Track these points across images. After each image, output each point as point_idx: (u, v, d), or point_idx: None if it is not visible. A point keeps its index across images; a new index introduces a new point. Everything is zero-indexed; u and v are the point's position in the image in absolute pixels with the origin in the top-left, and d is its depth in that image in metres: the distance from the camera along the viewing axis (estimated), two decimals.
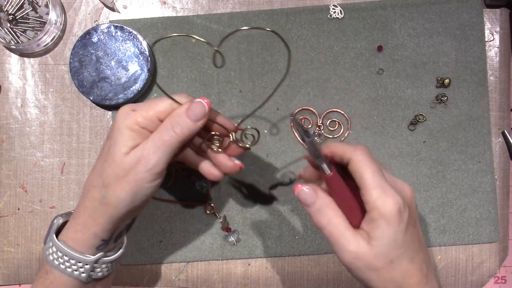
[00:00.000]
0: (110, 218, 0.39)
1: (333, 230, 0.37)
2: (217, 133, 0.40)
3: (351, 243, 0.36)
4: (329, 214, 0.37)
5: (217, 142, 0.41)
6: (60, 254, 0.40)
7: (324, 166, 0.37)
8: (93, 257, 0.40)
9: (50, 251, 0.41)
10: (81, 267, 0.40)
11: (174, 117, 0.38)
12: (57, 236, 0.41)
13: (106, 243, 0.41)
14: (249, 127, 0.42)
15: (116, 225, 0.39)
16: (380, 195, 0.35)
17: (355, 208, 0.38)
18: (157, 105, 0.38)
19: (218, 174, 0.42)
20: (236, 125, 0.42)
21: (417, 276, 0.37)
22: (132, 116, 0.37)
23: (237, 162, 0.41)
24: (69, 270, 0.40)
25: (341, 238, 0.36)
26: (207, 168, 0.42)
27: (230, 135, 0.41)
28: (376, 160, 0.38)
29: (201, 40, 0.36)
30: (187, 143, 0.41)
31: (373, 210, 0.36)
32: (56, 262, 0.40)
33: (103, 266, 0.41)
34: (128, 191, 0.37)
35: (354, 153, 0.37)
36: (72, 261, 0.40)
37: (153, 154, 0.37)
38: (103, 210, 0.38)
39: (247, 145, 0.41)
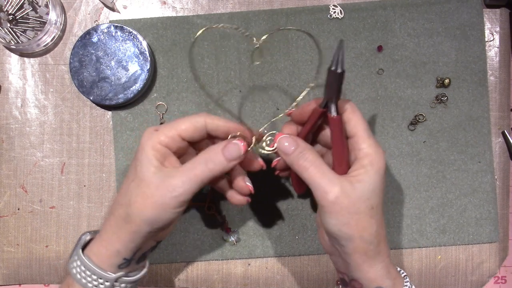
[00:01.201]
0: (133, 237, 0.39)
1: (315, 171, 0.37)
2: (238, 133, 0.41)
3: (335, 183, 0.36)
4: (311, 157, 0.38)
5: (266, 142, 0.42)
6: (83, 269, 0.40)
7: (334, 106, 0.39)
8: (114, 275, 0.40)
9: (75, 264, 0.41)
10: (101, 284, 0.40)
11: (210, 152, 0.39)
12: (83, 252, 0.42)
13: (128, 263, 0.41)
14: (265, 131, 0.43)
15: (138, 244, 0.40)
16: (373, 145, 0.38)
17: (345, 156, 0.39)
18: (179, 125, 0.40)
19: (239, 198, 0.43)
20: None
21: (384, 232, 0.39)
22: (155, 136, 0.39)
23: (248, 184, 0.43)
24: (89, 285, 0.40)
25: (325, 179, 0.37)
26: (231, 195, 0.44)
27: (253, 138, 0.42)
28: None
29: (245, 34, 0.39)
30: (219, 178, 0.43)
31: (365, 157, 0.38)
32: (79, 276, 0.41)
33: (123, 285, 0.42)
34: (151, 211, 0.38)
35: (350, 103, 0.40)
36: (94, 277, 0.40)
37: (182, 184, 0.37)
38: (126, 228, 0.39)
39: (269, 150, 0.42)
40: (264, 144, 0.42)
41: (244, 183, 0.42)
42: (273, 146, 0.41)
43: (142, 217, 0.38)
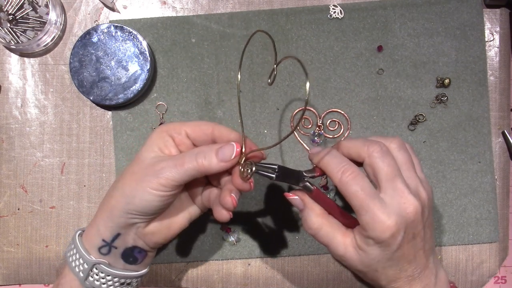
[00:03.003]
0: (111, 213, 0.39)
1: (321, 239, 0.40)
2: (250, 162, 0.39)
3: (339, 249, 0.39)
4: (316, 225, 0.40)
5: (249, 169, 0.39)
6: (74, 252, 0.41)
7: (307, 185, 0.40)
8: (93, 259, 0.40)
9: (70, 247, 0.42)
10: (81, 265, 0.40)
11: (204, 147, 0.39)
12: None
13: (108, 248, 0.40)
14: (251, 162, 0.39)
15: (116, 224, 0.39)
16: (370, 221, 0.36)
17: (346, 215, 0.41)
18: (187, 122, 0.41)
19: (223, 213, 0.40)
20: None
21: (404, 280, 0.38)
22: (164, 126, 0.41)
23: (233, 195, 0.39)
24: (76, 269, 0.40)
25: (331, 244, 0.39)
26: (216, 209, 0.41)
27: (241, 157, 0.39)
28: (390, 163, 0.37)
29: (274, 49, 0.38)
30: (207, 181, 0.43)
31: (364, 230, 0.37)
32: (70, 259, 0.41)
33: (101, 274, 0.40)
34: (131, 186, 0.38)
35: (339, 182, 0.37)
36: (79, 258, 0.40)
37: (168, 167, 0.37)
38: (107, 202, 0.40)
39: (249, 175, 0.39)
40: (243, 170, 0.39)
41: (229, 195, 0.39)
42: (248, 178, 0.39)
43: (121, 191, 0.38)
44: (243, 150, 0.39)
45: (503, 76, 0.56)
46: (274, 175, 0.38)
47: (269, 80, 0.39)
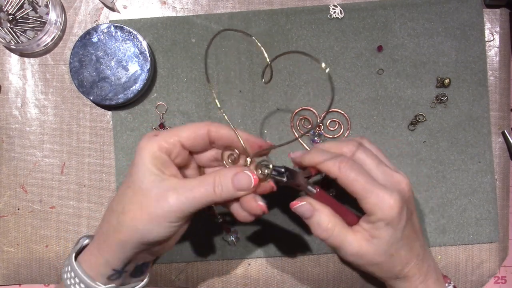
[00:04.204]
0: (122, 247, 0.37)
1: (334, 239, 0.39)
2: (235, 151, 0.39)
3: (353, 245, 0.39)
4: (329, 226, 0.39)
5: (230, 159, 0.39)
6: (73, 275, 0.38)
7: (309, 188, 0.39)
8: (103, 286, 0.38)
9: (66, 269, 0.39)
10: None
11: (221, 176, 0.36)
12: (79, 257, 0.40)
13: (119, 275, 0.39)
14: (266, 162, 0.38)
15: (129, 256, 0.37)
16: (376, 202, 0.37)
17: (349, 213, 0.41)
18: (180, 131, 0.37)
19: (245, 215, 0.39)
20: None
21: (414, 261, 0.40)
22: (155, 141, 0.36)
23: (261, 203, 0.38)
24: None
25: (344, 243, 0.39)
26: (236, 209, 0.39)
27: (247, 159, 0.38)
28: (369, 152, 0.40)
29: (261, 50, 0.35)
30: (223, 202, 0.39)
31: (371, 215, 0.37)
32: (68, 282, 0.38)
33: None
34: (144, 222, 0.35)
35: (340, 171, 0.38)
36: (82, 286, 0.38)
37: (185, 199, 0.35)
38: (116, 236, 0.36)
39: (261, 176, 0.38)
40: (259, 170, 0.38)
41: (256, 203, 0.38)
42: (264, 178, 0.38)
43: (134, 227, 0.35)
44: (247, 154, 0.38)
45: (503, 76, 0.56)
46: (285, 179, 0.37)
47: (263, 80, 0.37)
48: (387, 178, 0.39)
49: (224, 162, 0.39)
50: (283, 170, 0.37)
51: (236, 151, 0.39)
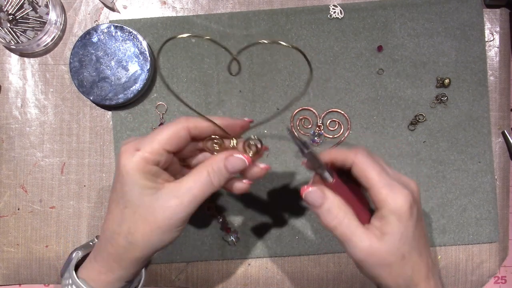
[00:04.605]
0: (137, 262, 0.38)
1: (344, 230, 0.37)
2: (217, 137, 0.39)
3: (364, 240, 0.36)
4: (340, 214, 0.37)
5: (216, 145, 0.39)
6: None
7: (326, 174, 0.38)
8: None
9: (66, 282, 0.40)
10: None
11: (213, 165, 0.36)
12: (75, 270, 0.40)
13: (129, 284, 0.41)
14: (253, 136, 0.39)
15: (141, 266, 0.39)
16: (389, 193, 0.36)
17: (362, 208, 0.39)
18: (160, 135, 0.36)
19: (242, 186, 0.40)
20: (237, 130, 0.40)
21: (424, 270, 0.38)
22: (139, 157, 0.35)
23: (263, 165, 0.39)
24: None
25: (354, 236, 0.36)
26: (230, 184, 0.40)
27: (231, 141, 0.39)
28: (378, 158, 0.39)
29: (220, 45, 0.34)
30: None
31: (383, 207, 0.36)
32: None
33: None
34: (156, 236, 0.36)
35: (356, 157, 0.37)
36: None
37: (187, 202, 0.35)
38: (129, 255, 0.37)
39: (250, 154, 0.39)
40: (250, 151, 0.38)
41: (259, 168, 0.39)
42: (257, 154, 0.38)
43: (147, 242, 0.36)
44: (233, 141, 0.38)
45: (503, 76, 0.56)
46: (307, 150, 0.37)
47: (230, 72, 0.35)
48: (397, 177, 0.38)
49: (211, 150, 0.39)
50: (305, 143, 0.37)
51: (218, 137, 0.39)
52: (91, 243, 0.43)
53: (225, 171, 0.37)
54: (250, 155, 0.38)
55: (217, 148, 0.39)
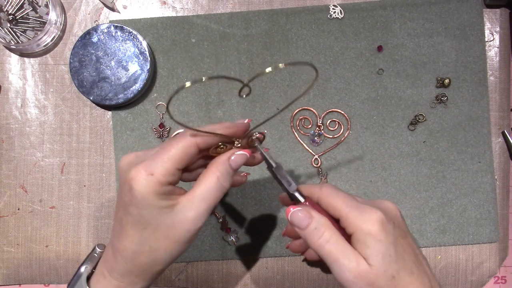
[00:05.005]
0: (158, 274, 0.39)
1: (332, 249, 0.35)
2: (222, 143, 0.39)
3: (352, 260, 0.35)
4: (327, 233, 0.36)
5: (221, 149, 0.39)
6: None
7: (297, 194, 0.38)
8: None
9: None
10: None
11: (219, 167, 0.37)
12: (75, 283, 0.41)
13: None
14: (256, 133, 0.40)
15: (160, 274, 0.40)
16: (357, 215, 0.35)
17: (343, 233, 0.37)
18: (171, 155, 0.35)
19: (242, 179, 0.42)
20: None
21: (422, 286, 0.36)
22: (153, 181, 0.35)
23: (258, 155, 0.41)
24: None
25: (341, 256, 0.35)
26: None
27: (235, 141, 0.39)
28: (344, 191, 0.39)
29: (231, 78, 0.33)
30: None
31: (356, 231, 0.35)
32: None
33: None
34: (179, 248, 0.37)
35: (321, 191, 0.38)
36: None
37: (203, 211, 0.36)
38: (153, 270, 0.38)
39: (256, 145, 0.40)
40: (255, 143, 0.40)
41: (258, 158, 0.40)
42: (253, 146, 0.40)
43: (170, 256, 0.37)
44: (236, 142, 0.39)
45: (503, 76, 0.56)
46: (274, 165, 0.38)
47: (243, 95, 0.36)
48: (367, 202, 0.38)
49: (216, 154, 0.39)
50: (277, 164, 0.39)
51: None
52: (95, 254, 0.43)
53: (231, 170, 0.37)
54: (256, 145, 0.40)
55: (222, 150, 0.40)
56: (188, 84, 0.31)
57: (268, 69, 0.33)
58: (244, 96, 0.36)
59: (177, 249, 0.37)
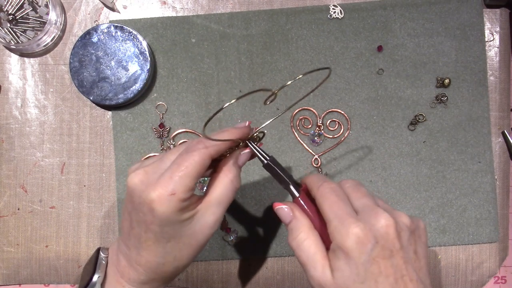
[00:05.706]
0: (178, 275, 0.42)
1: (303, 252, 0.36)
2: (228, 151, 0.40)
3: (317, 269, 0.35)
4: (300, 236, 0.36)
5: (229, 152, 0.41)
6: None
7: (291, 188, 0.38)
8: None
9: None
10: None
11: (229, 168, 0.38)
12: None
13: None
14: (256, 133, 0.41)
15: None
16: (337, 226, 0.34)
17: (322, 229, 0.37)
18: (188, 170, 0.36)
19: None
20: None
21: None
22: (175, 200, 0.35)
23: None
24: None
25: (309, 262, 0.35)
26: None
27: (241, 143, 0.40)
28: (358, 190, 0.38)
29: (255, 91, 0.35)
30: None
31: (333, 240, 0.34)
32: None
33: None
34: (199, 251, 0.39)
35: (318, 189, 0.37)
36: None
37: (220, 214, 0.38)
38: (175, 275, 0.40)
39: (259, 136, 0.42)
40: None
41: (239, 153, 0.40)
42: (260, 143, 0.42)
43: (192, 260, 0.40)
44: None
45: (503, 76, 0.56)
46: (265, 161, 0.39)
47: (268, 102, 0.37)
48: (366, 211, 0.35)
49: (225, 156, 0.41)
50: (270, 156, 0.39)
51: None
52: (103, 261, 0.42)
53: (240, 170, 0.39)
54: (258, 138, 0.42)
55: (227, 152, 0.41)
56: (227, 104, 0.34)
57: (289, 82, 0.35)
58: (269, 103, 0.37)
59: (197, 252, 0.39)
